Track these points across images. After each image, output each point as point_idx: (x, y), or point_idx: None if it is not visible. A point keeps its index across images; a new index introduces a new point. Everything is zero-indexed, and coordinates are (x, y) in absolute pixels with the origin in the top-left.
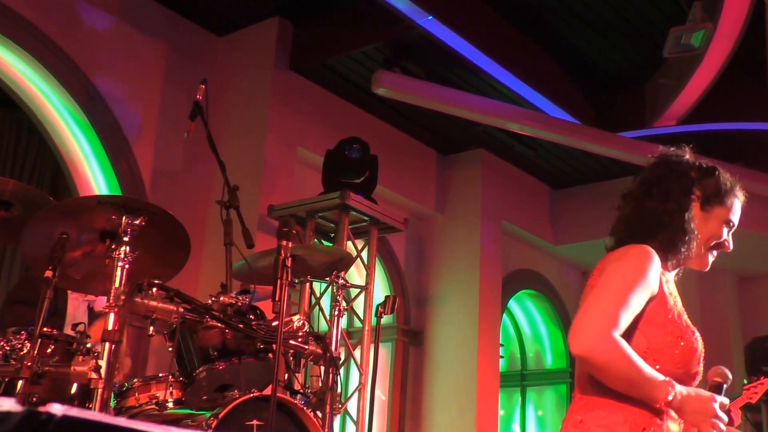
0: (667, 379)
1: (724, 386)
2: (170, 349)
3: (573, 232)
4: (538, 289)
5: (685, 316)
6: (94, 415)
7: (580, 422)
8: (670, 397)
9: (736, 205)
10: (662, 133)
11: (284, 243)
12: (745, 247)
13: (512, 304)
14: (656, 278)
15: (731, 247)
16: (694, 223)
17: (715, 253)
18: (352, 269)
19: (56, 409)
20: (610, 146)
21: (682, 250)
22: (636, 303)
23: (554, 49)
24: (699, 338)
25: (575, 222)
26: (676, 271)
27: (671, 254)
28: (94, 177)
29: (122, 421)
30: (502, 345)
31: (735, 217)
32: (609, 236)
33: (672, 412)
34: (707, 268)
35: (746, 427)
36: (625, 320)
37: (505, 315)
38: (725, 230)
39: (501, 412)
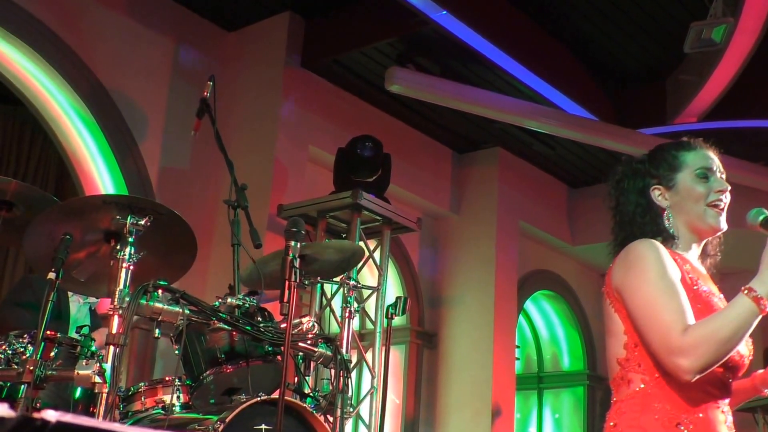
0: (739, 296)
1: None
2: (177, 352)
3: (591, 232)
4: (555, 290)
5: (716, 298)
6: (88, 420)
7: (614, 426)
8: (764, 306)
9: (695, 155)
10: (683, 130)
11: (292, 243)
12: None
13: (529, 305)
14: (670, 259)
15: (727, 186)
16: (666, 203)
17: (722, 205)
18: (365, 270)
19: (50, 415)
20: (630, 144)
21: (671, 231)
22: (677, 281)
23: (572, 45)
24: None
25: (594, 222)
26: (695, 252)
27: (668, 239)
28: (100, 176)
29: (117, 427)
30: (518, 347)
31: (703, 162)
32: (611, 240)
33: (716, 404)
34: (722, 226)
35: (765, 429)
36: (685, 304)
37: (521, 316)
38: (703, 182)
39: (517, 415)
